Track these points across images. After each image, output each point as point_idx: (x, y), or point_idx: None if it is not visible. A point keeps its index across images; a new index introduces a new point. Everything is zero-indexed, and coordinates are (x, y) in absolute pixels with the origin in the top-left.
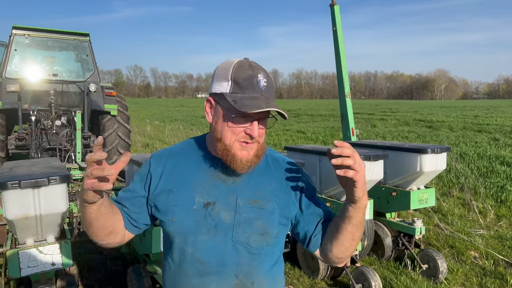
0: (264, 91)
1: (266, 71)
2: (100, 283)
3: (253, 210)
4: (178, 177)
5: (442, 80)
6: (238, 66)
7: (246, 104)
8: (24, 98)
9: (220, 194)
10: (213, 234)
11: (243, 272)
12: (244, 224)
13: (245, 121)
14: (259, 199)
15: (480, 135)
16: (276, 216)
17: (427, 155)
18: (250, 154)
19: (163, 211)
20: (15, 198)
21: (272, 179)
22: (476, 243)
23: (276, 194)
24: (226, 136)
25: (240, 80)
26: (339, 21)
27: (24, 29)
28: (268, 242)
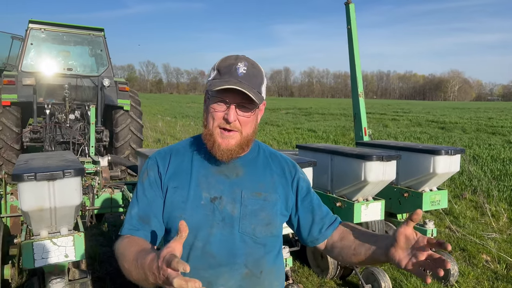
0: (241, 77)
1: (252, 64)
2: (111, 276)
3: (257, 202)
4: (182, 174)
5: (455, 81)
6: (226, 57)
7: (214, 85)
8: (39, 91)
9: (225, 189)
10: (221, 227)
11: (251, 262)
12: (250, 216)
13: (223, 106)
14: (262, 192)
15: (494, 138)
16: (279, 207)
17: (441, 157)
18: (230, 143)
19: (171, 207)
20: (31, 190)
21: (272, 173)
22: (488, 247)
23: (277, 186)
24: (208, 121)
25: (221, 68)
26: (353, 19)
27: (40, 23)
28: (272, 232)
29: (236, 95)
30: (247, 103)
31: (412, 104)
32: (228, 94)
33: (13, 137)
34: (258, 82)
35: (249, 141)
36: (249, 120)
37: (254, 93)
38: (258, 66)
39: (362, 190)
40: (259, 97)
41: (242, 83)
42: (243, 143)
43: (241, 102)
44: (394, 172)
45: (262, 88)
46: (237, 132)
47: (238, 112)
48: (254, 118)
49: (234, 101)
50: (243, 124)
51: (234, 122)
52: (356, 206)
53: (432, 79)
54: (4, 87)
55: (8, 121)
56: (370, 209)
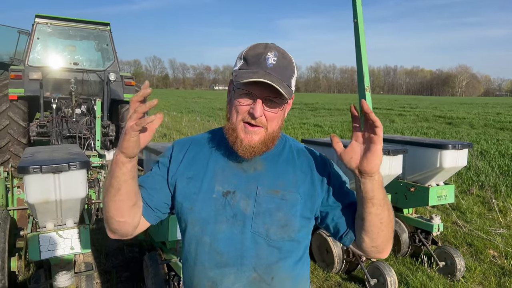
0: (270, 69)
1: (283, 54)
2: (117, 269)
3: (273, 201)
4: (198, 165)
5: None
6: (254, 45)
7: (241, 76)
8: (46, 86)
9: (240, 183)
10: (231, 224)
11: (262, 265)
12: (264, 215)
13: (249, 100)
14: (280, 189)
15: (502, 133)
16: (299, 208)
17: (448, 151)
18: (253, 139)
19: (182, 198)
20: (37, 182)
21: (296, 170)
22: (495, 242)
23: (300, 185)
24: (232, 114)
25: (249, 57)
26: (360, 13)
27: (47, 18)
28: (290, 236)
29: (264, 88)
30: (275, 97)
31: (419, 100)
32: (255, 87)
33: (20, 131)
34: (288, 74)
35: (274, 138)
36: (276, 116)
37: (284, 86)
38: (289, 56)
39: None
40: (288, 91)
41: (271, 75)
42: (268, 140)
43: (269, 96)
44: (400, 167)
45: (292, 81)
46: (262, 128)
47: (265, 106)
48: (281, 114)
49: (261, 95)
50: (270, 120)
51: (260, 117)
52: None
53: (439, 74)
54: (11, 82)
55: (15, 115)
56: None
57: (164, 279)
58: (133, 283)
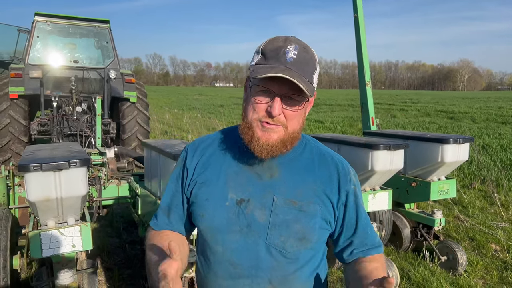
0: (290, 63)
1: (305, 47)
2: (119, 267)
3: (291, 212)
4: (212, 169)
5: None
6: (273, 39)
7: (258, 71)
8: (46, 84)
9: (255, 191)
10: (245, 234)
11: (278, 277)
12: (281, 227)
13: (267, 97)
14: (298, 200)
15: (504, 127)
16: (318, 220)
17: (449, 145)
18: (271, 137)
19: (194, 204)
20: (37, 180)
21: (316, 178)
22: (497, 236)
23: (319, 195)
24: (248, 112)
25: (267, 51)
26: (360, 8)
27: (46, 16)
28: (306, 247)
29: (283, 84)
30: (295, 94)
31: (421, 94)
32: (273, 83)
33: (21, 130)
34: (310, 70)
35: (294, 138)
36: (296, 114)
37: (305, 83)
38: (311, 50)
39: (369, 180)
40: (310, 87)
41: (291, 70)
42: (287, 139)
43: (288, 93)
44: (401, 161)
45: (314, 77)
46: (281, 127)
47: (283, 105)
48: (302, 112)
49: (280, 92)
50: (289, 119)
51: (279, 116)
52: (363, 195)
53: (441, 69)
54: (11, 80)
55: (16, 114)
56: (378, 198)
57: None
58: (135, 280)
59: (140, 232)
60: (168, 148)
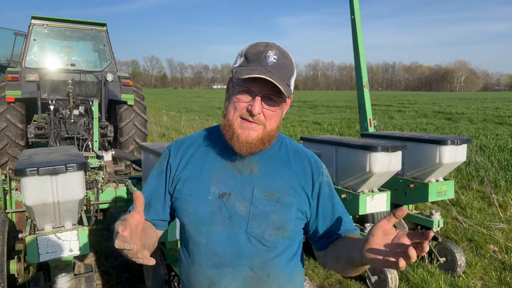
0: (271, 67)
1: (283, 53)
2: (117, 270)
3: (269, 203)
4: (194, 166)
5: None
6: (255, 44)
7: (241, 72)
8: (43, 87)
9: (236, 185)
10: (227, 225)
11: (258, 264)
12: (260, 217)
13: (248, 96)
14: (276, 192)
15: (501, 128)
16: (294, 211)
17: (447, 147)
18: (250, 135)
19: (178, 200)
20: (34, 184)
21: (291, 172)
22: (495, 237)
23: (295, 188)
24: (229, 111)
25: (250, 54)
26: (357, 10)
27: (43, 19)
28: (284, 236)
29: (264, 85)
30: (274, 95)
31: (418, 95)
32: (255, 84)
33: (18, 133)
34: (288, 73)
35: (271, 136)
36: (274, 114)
37: (284, 85)
38: (289, 56)
39: (367, 182)
40: (288, 90)
41: (271, 73)
42: (265, 137)
43: (268, 93)
44: (399, 163)
45: (291, 81)
46: (260, 125)
47: (263, 104)
48: (280, 112)
49: (260, 92)
50: (268, 118)
51: (259, 115)
52: (361, 197)
53: (438, 70)
54: (8, 84)
55: (12, 118)
56: (376, 200)
57: (164, 279)
58: (133, 284)
59: None
60: None
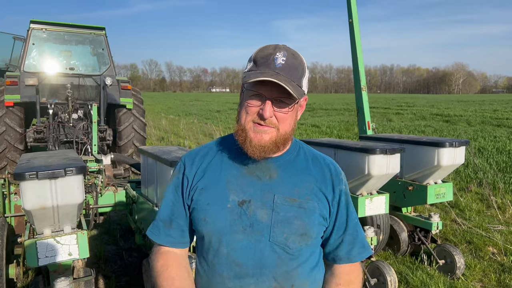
0: (279, 69)
1: (293, 54)
2: (116, 274)
3: (291, 209)
4: (211, 175)
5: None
6: (263, 47)
7: (249, 76)
8: (42, 91)
9: (255, 192)
10: (248, 234)
11: (281, 274)
12: (282, 224)
13: (259, 101)
14: (297, 198)
15: (499, 130)
16: (317, 216)
17: (445, 149)
18: (263, 138)
19: (196, 210)
20: (33, 188)
21: (311, 178)
22: (494, 239)
23: (316, 193)
24: (242, 116)
25: (258, 58)
26: (355, 13)
27: (42, 23)
28: (307, 243)
29: (273, 88)
30: (285, 97)
31: (416, 98)
32: (264, 87)
33: (17, 138)
34: (298, 74)
35: (286, 139)
36: (287, 117)
37: (293, 86)
38: (299, 56)
39: (366, 184)
40: (299, 91)
41: (280, 75)
42: (279, 141)
43: (278, 96)
44: (398, 165)
45: (303, 81)
46: (273, 128)
47: (274, 107)
48: (293, 114)
49: (270, 95)
50: (281, 121)
51: (270, 118)
52: (360, 200)
53: (436, 73)
54: (7, 88)
55: (11, 122)
56: (375, 203)
57: None
58: (132, 287)
59: (137, 240)
60: (165, 155)
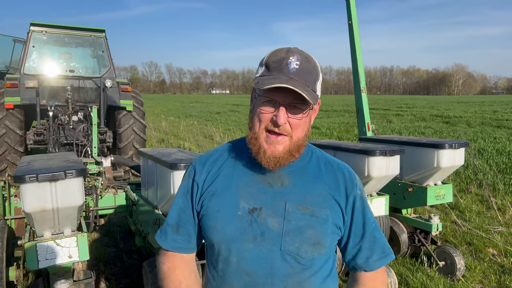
0: (293, 74)
1: (306, 57)
2: (116, 276)
3: (303, 218)
4: (222, 181)
5: (460, 75)
6: (275, 51)
7: (263, 83)
8: (42, 94)
9: (266, 199)
10: (259, 243)
11: (292, 284)
12: (294, 233)
13: (272, 107)
14: (310, 206)
15: (499, 131)
16: (330, 224)
17: (445, 150)
18: (277, 149)
19: (205, 217)
20: (33, 191)
21: (324, 185)
22: (494, 240)
23: (329, 201)
24: (255, 123)
25: (271, 62)
26: (354, 15)
27: (42, 26)
28: (320, 253)
29: (287, 94)
30: (299, 103)
31: (416, 99)
32: (277, 93)
33: (17, 140)
34: (312, 78)
35: (300, 146)
36: (301, 123)
37: (308, 91)
38: (313, 60)
39: (365, 186)
40: (313, 96)
41: (294, 80)
42: (293, 148)
43: (292, 102)
44: (397, 167)
45: (317, 86)
46: (286, 137)
47: (288, 114)
48: (307, 120)
49: (284, 101)
50: (294, 127)
51: (284, 125)
52: None
53: (435, 74)
54: (7, 90)
55: (11, 124)
56: (375, 204)
57: None
58: None
59: (137, 242)
60: (165, 157)
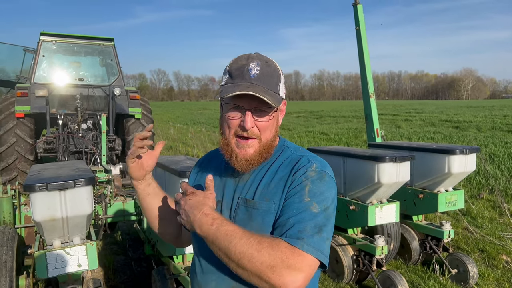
0: (255, 79)
1: (266, 61)
2: (125, 285)
3: (246, 211)
4: (201, 182)
5: (469, 79)
6: (236, 58)
7: (226, 91)
8: (52, 102)
9: (227, 193)
10: None
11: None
12: (240, 224)
13: (239, 113)
14: (256, 199)
15: (510, 136)
16: (272, 217)
17: (456, 156)
18: (248, 152)
19: None
20: (43, 200)
21: (275, 177)
22: (508, 247)
23: (275, 193)
24: (224, 129)
25: (233, 70)
26: (362, 21)
27: (51, 35)
28: None
29: (251, 99)
30: (264, 106)
31: (425, 104)
32: (242, 99)
33: (27, 148)
34: (274, 81)
35: (269, 147)
36: (268, 125)
37: (270, 95)
38: (273, 63)
39: (376, 192)
40: (276, 98)
41: (256, 85)
42: (263, 150)
43: (257, 106)
44: (408, 173)
45: (279, 88)
46: (255, 140)
47: (255, 117)
48: (273, 122)
49: (249, 107)
50: (262, 130)
51: (252, 129)
52: (370, 208)
53: (444, 78)
54: (17, 99)
55: (22, 133)
56: (385, 211)
57: None
58: None
59: (146, 250)
60: (173, 165)
